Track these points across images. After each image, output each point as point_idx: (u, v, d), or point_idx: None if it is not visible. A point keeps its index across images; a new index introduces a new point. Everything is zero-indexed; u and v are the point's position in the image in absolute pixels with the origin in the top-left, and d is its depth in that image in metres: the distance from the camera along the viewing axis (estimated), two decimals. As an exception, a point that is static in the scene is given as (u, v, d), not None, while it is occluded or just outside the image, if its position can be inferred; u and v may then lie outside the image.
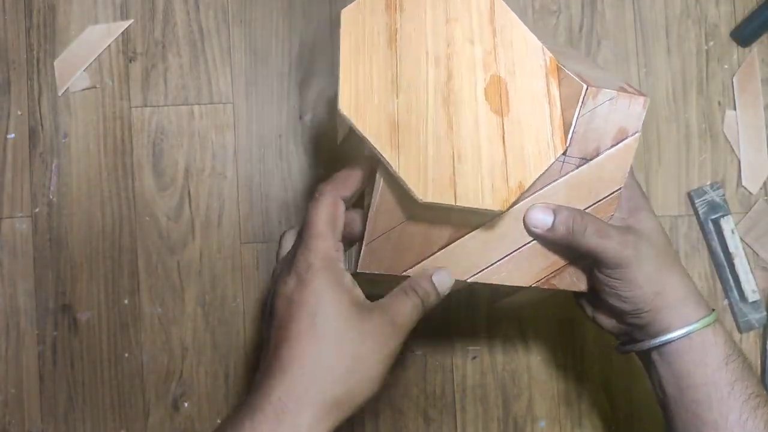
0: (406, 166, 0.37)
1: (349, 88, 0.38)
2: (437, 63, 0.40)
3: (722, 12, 0.66)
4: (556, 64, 0.42)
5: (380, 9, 0.40)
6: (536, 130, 0.40)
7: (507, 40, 0.42)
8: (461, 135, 0.39)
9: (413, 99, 0.39)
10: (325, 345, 0.37)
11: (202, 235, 0.62)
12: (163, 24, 0.63)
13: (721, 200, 0.64)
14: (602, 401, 0.63)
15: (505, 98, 0.40)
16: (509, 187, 0.39)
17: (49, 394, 0.61)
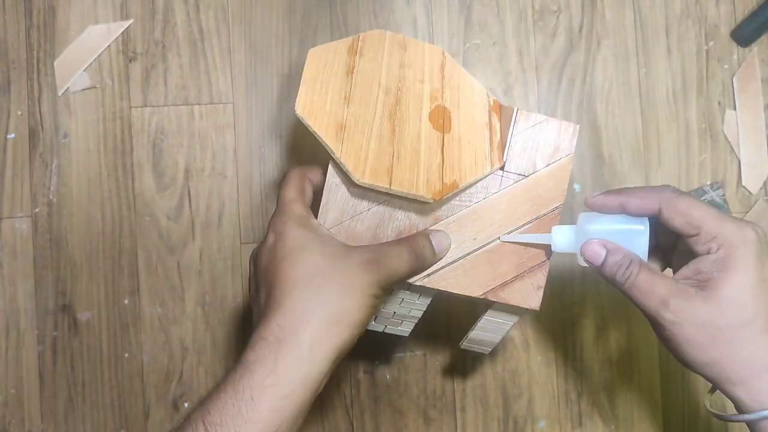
0: (348, 154, 0.43)
1: (305, 96, 0.45)
2: (387, 91, 0.47)
3: (722, 12, 0.66)
4: (498, 104, 0.49)
5: (343, 51, 0.48)
6: (475, 147, 0.47)
7: (454, 84, 0.49)
8: (403, 141, 0.45)
9: (362, 112, 0.45)
10: (313, 272, 0.40)
11: (202, 235, 0.62)
12: (163, 24, 0.63)
13: (721, 200, 0.64)
14: (602, 401, 0.63)
15: (447, 121, 0.47)
16: (444, 183, 0.45)
17: (49, 394, 0.61)
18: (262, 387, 0.37)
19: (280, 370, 0.38)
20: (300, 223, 0.42)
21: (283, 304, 0.39)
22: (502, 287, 0.47)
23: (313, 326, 0.38)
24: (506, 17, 0.64)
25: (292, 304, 0.39)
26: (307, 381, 0.38)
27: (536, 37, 0.64)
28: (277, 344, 0.38)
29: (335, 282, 0.40)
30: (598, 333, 0.63)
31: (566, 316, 0.63)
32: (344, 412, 0.62)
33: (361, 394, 0.62)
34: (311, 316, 0.39)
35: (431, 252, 0.44)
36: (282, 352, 0.38)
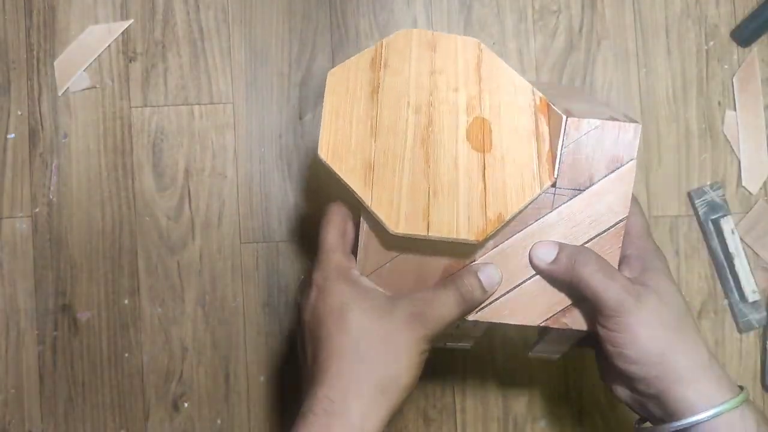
0: (379, 200, 0.39)
1: (328, 135, 0.41)
2: (418, 110, 0.42)
3: (722, 12, 0.66)
4: (546, 102, 0.43)
5: (365, 67, 0.43)
6: (521, 165, 0.42)
7: (494, 84, 0.43)
8: (438, 172, 0.41)
9: (390, 142, 0.41)
10: (357, 337, 0.38)
11: (202, 235, 0.62)
12: (163, 24, 0.63)
13: (721, 200, 0.64)
14: (602, 401, 0.63)
15: (488, 137, 0.42)
16: (487, 218, 0.40)
17: (49, 394, 0.61)
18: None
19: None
20: (341, 275, 0.41)
21: (329, 372, 0.38)
22: (563, 313, 0.43)
23: (362, 397, 0.37)
24: (506, 17, 0.64)
25: (339, 372, 0.38)
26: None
27: (536, 37, 0.64)
28: (326, 418, 0.37)
29: (381, 347, 0.38)
30: (598, 333, 0.63)
31: (566, 316, 0.63)
32: (344, 412, 0.62)
33: (361, 394, 0.62)
34: (360, 386, 0.38)
35: (481, 291, 0.41)
36: (334, 427, 0.37)
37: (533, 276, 0.43)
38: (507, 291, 0.43)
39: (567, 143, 0.42)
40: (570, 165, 0.42)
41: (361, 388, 0.38)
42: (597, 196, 0.42)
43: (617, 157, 0.42)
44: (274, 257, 0.62)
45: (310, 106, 0.63)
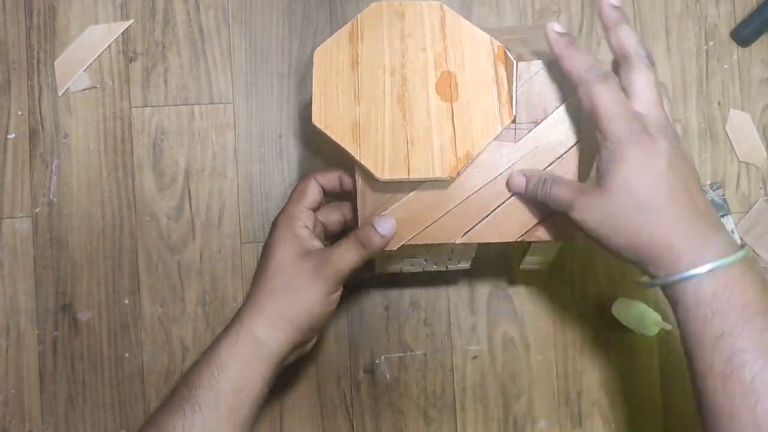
0: (366, 154, 0.47)
1: (319, 105, 0.48)
2: (392, 73, 0.48)
3: (722, 12, 0.66)
4: (503, 50, 0.49)
5: (345, 42, 0.49)
6: (484, 108, 0.48)
7: (456, 40, 0.49)
8: (414, 124, 0.47)
9: (372, 104, 0.48)
10: (272, 276, 0.49)
11: (202, 235, 0.62)
12: (163, 24, 0.63)
13: (721, 200, 0.64)
14: (602, 401, 0.63)
15: (454, 88, 0.48)
16: (458, 157, 0.47)
17: (50, 394, 0.61)
18: (228, 355, 0.47)
19: (240, 345, 0.48)
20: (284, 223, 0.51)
21: (250, 296, 0.50)
22: (537, 227, 0.50)
23: (266, 318, 0.49)
24: (506, 17, 0.64)
25: (255, 297, 0.50)
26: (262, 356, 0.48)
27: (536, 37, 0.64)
28: (239, 325, 0.49)
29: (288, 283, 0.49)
30: (598, 333, 0.63)
31: (566, 315, 0.63)
32: (344, 412, 0.62)
33: (361, 394, 0.62)
34: (264, 310, 0.49)
35: (379, 237, 0.48)
36: (242, 333, 0.48)
37: (507, 200, 0.49)
38: (486, 215, 0.49)
39: (520, 84, 0.48)
40: (525, 103, 0.48)
41: (266, 312, 0.49)
42: (551, 127, 0.49)
43: (567, 90, 0.48)
44: (274, 257, 0.62)
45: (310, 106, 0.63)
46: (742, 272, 0.40)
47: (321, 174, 0.53)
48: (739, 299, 0.40)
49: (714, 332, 0.40)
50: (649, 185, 0.42)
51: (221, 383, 0.47)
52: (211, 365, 0.47)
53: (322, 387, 0.62)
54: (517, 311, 0.63)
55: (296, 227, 0.51)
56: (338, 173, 0.53)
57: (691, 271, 0.40)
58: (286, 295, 0.49)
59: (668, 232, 0.41)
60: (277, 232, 0.51)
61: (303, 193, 0.52)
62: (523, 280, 0.63)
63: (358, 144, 0.47)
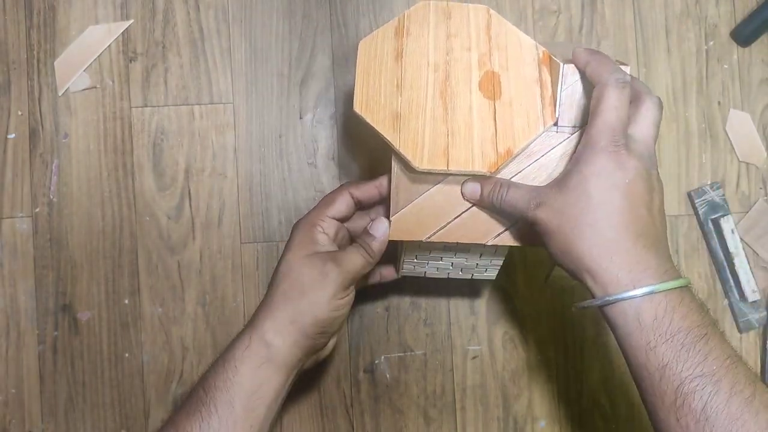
0: (405, 143, 0.46)
1: (361, 93, 0.48)
2: (436, 68, 0.48)
3: (722, 12, 0.66)
4: (548, 55, 0.49)
5: (390, 36, 0.49)
6: (527, 108, 0.48)
7: (502, 43, 0.50)
8: (455, 118, 0.47)
9: (414, 95, 0.48)
10: (282, 278, 0.49)
11: (202, 235, 0.62)
12: (164, 24, 0.63)
13: (721, 200, 0.64)
14: (602, 401, 0.63)
15: (497, 87, 0.48)
16: (498, 153, 0.47)
17: (50, 394, 0.61)
18: (242, 358, 0.48)
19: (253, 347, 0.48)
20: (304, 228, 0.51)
21: (264, 299, 0.50)
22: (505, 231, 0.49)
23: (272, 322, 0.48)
24: (506, 17, 0.64)
25: (266, 301, 0.50)
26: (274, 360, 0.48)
27: (536, 37, 0.64)
28: (251, 329, 0.49)
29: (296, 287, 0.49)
30: (598, 333, 0.63)
31: (566, 315, 0.63)
32: (344, 412, 0.62)
33: (361, 394, 0.62)
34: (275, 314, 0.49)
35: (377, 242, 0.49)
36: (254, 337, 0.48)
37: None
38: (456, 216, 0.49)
39: (565, 87, 0.48)
40: (569, 106, 0.48)
41: (276, 316, 0.48)
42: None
43: None
44: (274, 257, 0.62)
45: (310, 106, 0.63)
46: (681, 297, 0.40)
47: (356, 186, 0.53)
48: (681, 324, 0.39)
49: (659, 361, 0.39)
50: (603, 192, 0.41)
51: (236, 385, 0.47)
52: (226, 367, 0.48)
53: (322, 387, 0.62)
54: (517, 311, 0.63)
55: (314, 232, 0.51)
56: (376, 183, 0.52)
57: (629, 292, 0.40)
58: (295, 297, 0.49)
59: (611, 246, 0.41)
60: (295, 236, 0.51)
61: (330, 202, 0.52)
62: (523, 280, 0.63)
63: (398, 132, 0.47)
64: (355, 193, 0.52)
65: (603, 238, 0.41)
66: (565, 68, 0.48)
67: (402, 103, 0.47)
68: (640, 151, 0.43)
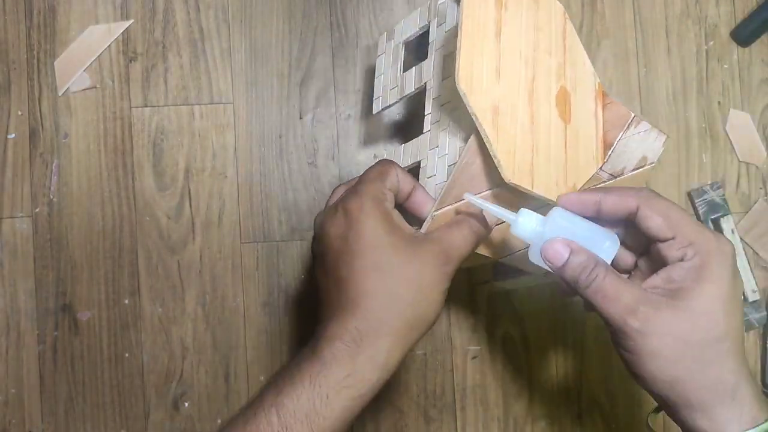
0: (501, 146, 0.39)
1: (465, 66, 0.39)
2: (527, 63, 0.42)
3: (722, 12, 0.66)
4: (602, 90, 0.47)
5: (491, 3, 0.42)
6: (587, 142, 0.44)
7: (573, 59, 0.45)
8: (539, 131, 0.42)
9: (509, 89, 0.41)
10: (390, 276, 0.39)
11: (202, 235, 0.62)
12: (164, 24, 0.63)
13: (721, 200, 0.64)
14: (602, 401, 0.63)
15: (569, 108, 0.44)
16: (567, 186, 0.42)
17: (50, 394, 0.61)
18: (339, 387, 0.37)
19: (358, 373, 0.38)
20: (375, 206, 0.40)
21: (360, 306, 0.39)
22: None
23: (390, 335, 0.39)
24: (506, 17, 0.64)
25: (370, 307, 0.39)
26: (378, 385, 0.39)
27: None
28: (355, 347, 0.38)
29: (413, 286, 0.39)
30: (598, 333, 0.63)
31: (566, 315, 0.63)
32: (344, 412, 0.62)
33: (361, 393, 0.62)
34: (390, 323, 0.39)
35: (487, 226, 0.42)
36: (360, 357, 0.38)
37: None
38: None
39: (625, 136, 0.45)
40: (617, 155, 0.45)
41: (392, 326, 0.39)
42: (621, 185, 0.46)
43: (645, 159, 0.47)
44: (274, 257, 0.62)
45: (310, 105, 0.63)
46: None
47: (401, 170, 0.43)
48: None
49: None
50: (731, 318, 0.36)
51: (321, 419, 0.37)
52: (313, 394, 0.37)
53: (322, 387, 0.62)
54: (517, 311, 0.63)
55: (387, 210, 0.40)
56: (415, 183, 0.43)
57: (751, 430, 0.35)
58: (415, 302, 0.39)
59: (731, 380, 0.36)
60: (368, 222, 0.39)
61: (383, 173, 0.42)
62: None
63: (497, 131, 0.39)
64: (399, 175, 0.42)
65: (729, 370, 0.36)
66: (633, 119, 0.44)
67: (501, 96, 0.40)
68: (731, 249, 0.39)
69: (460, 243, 0.41)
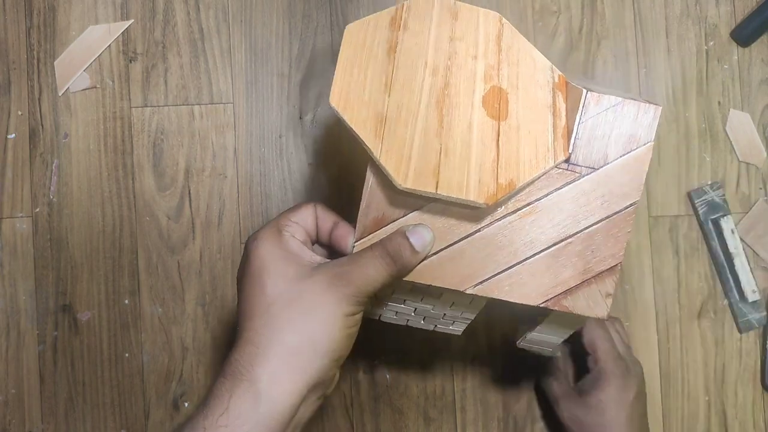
0: (389, 154, 0.38)
1: (341, 85, 0.39)
2: (435, 73, 0.41)
3: (722, 12, 0.66)
4: (565, 80, 0.43)
5: (384, 25, 0.42)
6: (535, 136, 0.41)
7: (513, 58, 0.43)
8: (452, 134, 0.40)
9: (405, 99, 0.40)
10: (270, 300, 0.38)
11: (202, 235, 0.62)
12: (164, 24, 0.63)
13: (721, 200, 0.64)
14: (602, 401, 0.63)
15: (504, 106, 0.41)
16: (498, 184, 0.39)
17: (50, 394, 0.61)
18: (214, 428, 0.35)
19: (233, 409, 0.35)
20: (270, 240, 0.40)
21: (241, 336, 0.38)
22: (565, 295, 0.42)
23: (269, 361, 0.36)
24: (506, 17, 0.64)
25: (248, 336, 0.37)
26: (265, 421, 0.36)
27: (536, 37, 0.64)
28: (232, 380, 0.36)
29: (294, 308, 0.37)
30: (598, 333, 0.63)
31: (566, 316, 0.63)
32: (344, 412, 0.62)
33: (361, 394, 0.62)
34: (267, 349, 0.36)
35: (411, 251, 0.39)
36: (237, 391, 0.36)
37: (537, 254, 0.42)
38: (509, 266, 0.42)
39: (585, 119, 0.41)
40: (586, 142, 0.41)
41: (269, 353, 0.36)
42: (610, 177, 0.41)
43: (634, 138, 0.41)
44: (274, 257, 0.62)
45: (310, 106, 0.63)
46: None
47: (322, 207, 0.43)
48: None
49: None
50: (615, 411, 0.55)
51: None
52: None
53: (322, 387, 0.62)
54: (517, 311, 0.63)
55: (283, 239, 0.40)
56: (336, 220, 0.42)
57: None
58: (296, 324, 0.37)
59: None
60: (260, 252, 0.39)
61: (294, 209, 0.42)
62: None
63: (381, 140, 0.38)
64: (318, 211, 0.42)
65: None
66: (588, 97, 0.41)
67: (390, 106, 0.39)
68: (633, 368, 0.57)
69: (366, 263, 0.38)
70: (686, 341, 0.63)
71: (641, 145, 0.41)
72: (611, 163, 0.41)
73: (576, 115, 0.41)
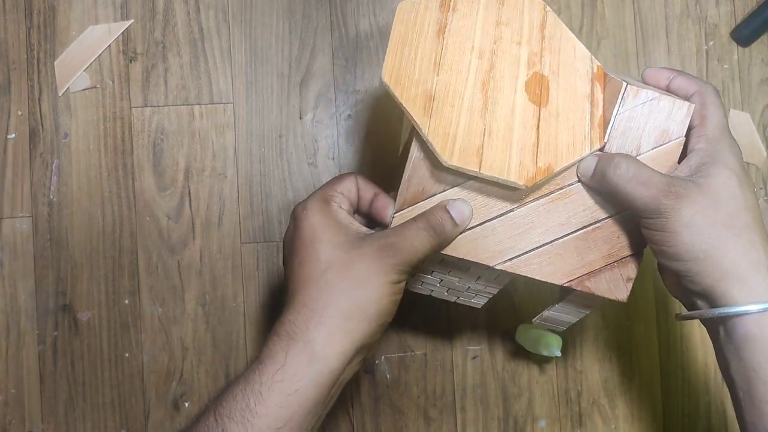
0: (436, 131, 0.40)
1: (393, 62, 0.42)
2: (481, 55, 0.43)
3: (722, 12, 0.66)
4: (603, 72, 0.45)
5: (435, 7, 0.44)
6: (573, 124, 0.43)
7: (555, 46, 0.45)
8: (495, 116, 0.42)
9: (453, 78, 0.42)
10: (324, 267, 0.40)
11: (202, 235, 0.62)
12: (164, 24, 0.63)
13: (721, 200, 0.63)
14: (602, 401, 0.63)
15: (545, 93, 0.43)
16: (537, 167, 0.41)
17: (50, 394, 0.61)
18: (271, 382, 0.38)
19: (289, 366, 0.38)
20: (320, 209, 0.42)
21: (295, 299, 0.40)
22: (589, 277, 0.44)
23: (323, 324, 0.39)
24: (506, 17, 0.64)
25: (303, 300, 0.40)
26: (318, 378, 0.39)
27: (536, 37, 0.64)
28: (287, 340, 0.39)
29: (347, 275, 0.40)
30: (598, 333, 0.63)
31: (566, 316, 0.63)
32: (344, 412, 0.62)
33: (361, 394, 0.62)
34: (323, 314, 0.39)
35: (452, 224, 0.42)
36: (292, 350, 0.38)
37: (566, 235, 0.44)
38: (538, 246, 0.44)
39: (622, 110, 0.43)
40: (621, 132, 0.43)
41: (324, 316, 0.39)
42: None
43: (666, 133, 0.43)
44: (274, 257, 0.62)
45: (310, 106, 0.63)
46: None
47: (362, 178, 0.45)
48: None
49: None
50: (748, 193, 0.40)
51: (257, 417, 0.37)
52: (247, 392, 0.38)
53: (322, 387, 0.62)
54: (517, 310, 0.63)
55: (332, 210, 0.43)
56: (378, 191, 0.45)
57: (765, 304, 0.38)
58: (349, 290, 0.40)
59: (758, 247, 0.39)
60: (311, 221, 0.42)
61: (338, 179, 0.45)
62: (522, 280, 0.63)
63: (429, 117, 0.41)
64: (359, 182, 0.45)
65: (759, 238, 0.39)
66: (628, 90, 0.43)
67: (438, 85, 0.41)
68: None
69: (411, 235, 0.41)
70: (686, 341, 0.63)
71: (672, 140, 0.43)
72: (643, 154, 0.43)
73: (614, 106, 0.43)
